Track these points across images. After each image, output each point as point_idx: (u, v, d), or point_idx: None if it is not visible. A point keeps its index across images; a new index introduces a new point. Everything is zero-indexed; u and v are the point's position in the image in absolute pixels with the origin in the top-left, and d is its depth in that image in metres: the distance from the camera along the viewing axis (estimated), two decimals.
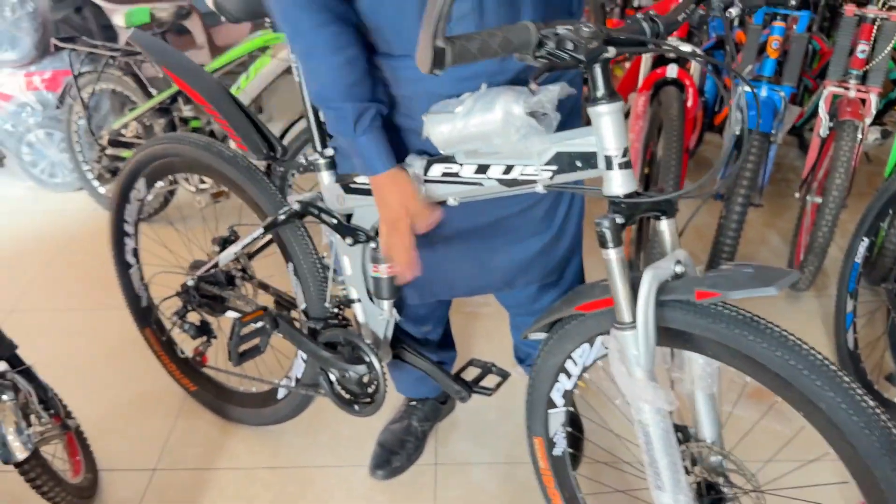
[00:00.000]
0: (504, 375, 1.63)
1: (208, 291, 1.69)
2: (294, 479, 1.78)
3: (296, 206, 1.47)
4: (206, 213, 2.61)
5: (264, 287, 1.76)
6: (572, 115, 1.33)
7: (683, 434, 1.23)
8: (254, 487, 1.76)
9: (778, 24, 2.22)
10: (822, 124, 2.20)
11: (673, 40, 2.26)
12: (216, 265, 1.64)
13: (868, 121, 2.14)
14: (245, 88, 2.45)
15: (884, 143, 2.31)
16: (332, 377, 1.57)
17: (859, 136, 2.07)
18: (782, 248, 2.62)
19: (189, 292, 1.69)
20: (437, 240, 1.40)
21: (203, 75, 1.51)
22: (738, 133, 0.97)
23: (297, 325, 1.58)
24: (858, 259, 2.01)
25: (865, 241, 1.99)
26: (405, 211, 1.24)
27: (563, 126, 1.14)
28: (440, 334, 1.76)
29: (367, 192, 1.37)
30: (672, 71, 2.27)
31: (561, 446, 1.38)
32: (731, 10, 1.05)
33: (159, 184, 1.78)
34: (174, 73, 1.51)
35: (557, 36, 0.88)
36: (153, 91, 2.74)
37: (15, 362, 1.48)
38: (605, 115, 1.02)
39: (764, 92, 2.24)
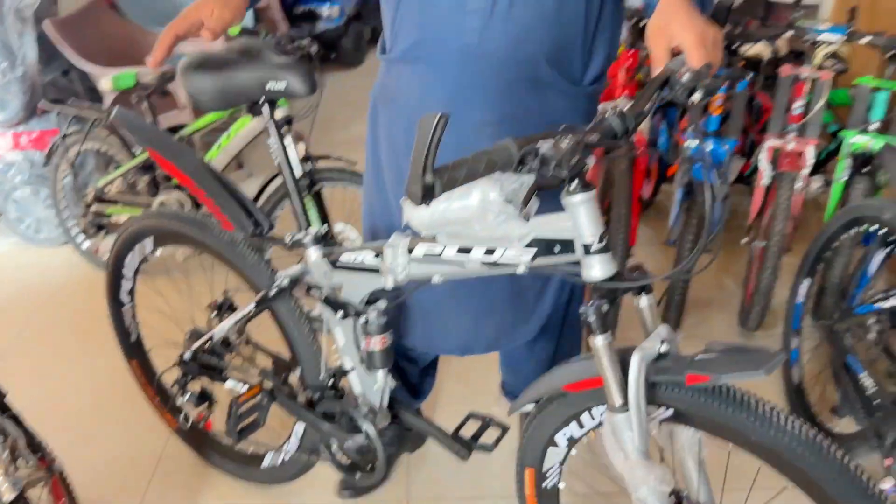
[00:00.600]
0: (503, 429, 1.64)
1: (207, 362, 1.71)
2: None
3: (285, 283, 1.48)
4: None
5: (262, 351, 1.77)
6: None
7: (677, 497, 1.24)
8: None
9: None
10: (765, 175, 2.36)
11: None
12: (212, 338, 1.66)
13: (806, 171, 2.29)
14: (226, 147, 2.50)
15: (826, 190, 2.45)
16: (333, 446, 1.58)
17: (798, 185, 2.23)
18: (735, 290, 2.74)
19: (188, 364, 1.71)
20: (439, 291, 1.41)
21: (186, 154, 1.52)
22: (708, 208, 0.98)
23: (294, 391, 1.60)
24: (801, 299, 2.16)
25: (807, 282, 2.14)
26: None
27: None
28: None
29: (354, 269, 1.38)
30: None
31: (553, 480, 1.35)
32: (694, 96, 1.05)
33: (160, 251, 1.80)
34: (157, 152, 1.52)
35: (539, 154, 0.89)
36: (136, 150, 2.81)
37: (3, 408, 1.50)
38: (579, 205, 1.03)
39: (710, 145, 2.38)
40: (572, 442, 1.29)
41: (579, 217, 1.04)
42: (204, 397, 1.77)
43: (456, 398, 2.21)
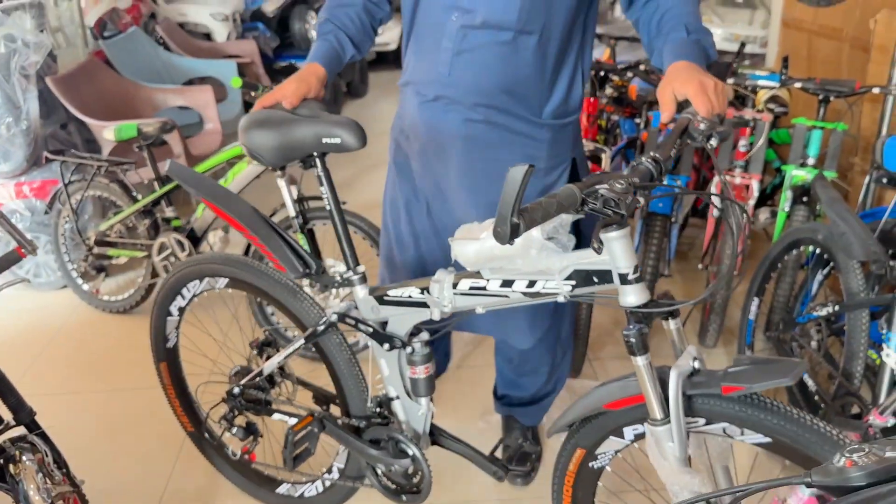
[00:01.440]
0: (537, 453, 1.75)
1: (252, 396, 1.81)
2: None
3: (333, 318, 1.60)
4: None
5: (303, 384, 1.88)
6: None
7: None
8: None
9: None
10: (715, 207, 2.59)
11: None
12: (260, 373, 1.77)
13: (752, 202, 2.60)
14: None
15: (773, 221, 2.70)
16: (379, 471, 1.69)
17: (745, 216, 2.38)
18: (694, 311, 2.94)
19: (235, 398, 1.81)
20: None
21: (237, 202, 1.64)
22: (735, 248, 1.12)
23: (340, 422, 1.71)
24: (752, 316, 2.42)
25: (756, 301, 2.40)
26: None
27: None
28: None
29: (401, 304, 1.51)
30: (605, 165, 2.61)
31: (602, 463, 1.40)
32: (711, 140, 1.21)
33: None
34: (211, 202, 1.64)
35: (599, 196, 1.04)
36: (138, 195, 2.98)
37: (33, 427, 1.60)
38: (616, 240, 1.16)
39: (664, 181, 2.59)
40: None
41: (616, 250, 1.17)
42: (249, 431, 1.87)
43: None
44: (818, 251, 2.18)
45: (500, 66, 1.57)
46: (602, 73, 3.37)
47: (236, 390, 1.80)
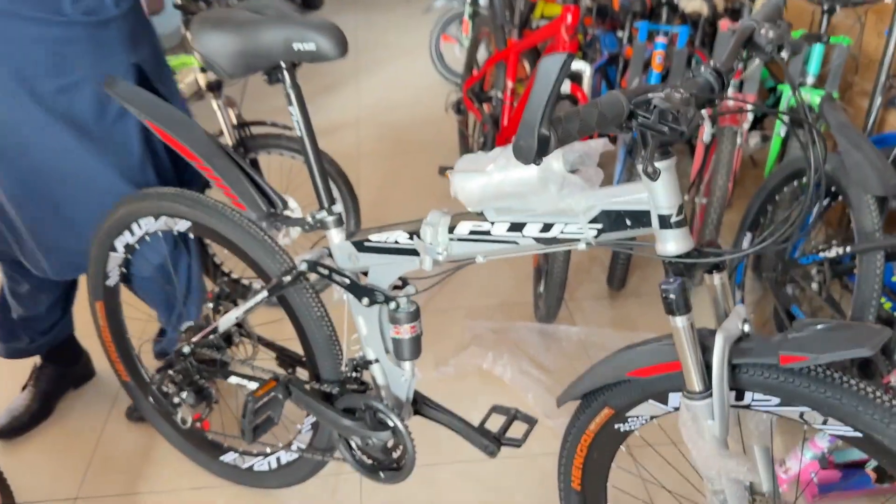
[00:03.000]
0: (531, 422, 1.55)
1: (206, 357, 1.57)
2: (222, 497, 1.77)
3: (302, 267, 1.36)
4: None
5: (266, 344, 1.64)
6: None
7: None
8: None
9: (660, 39, 2.37)
10: (705, 131, 2.34)
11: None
12: (214, 330, 1.52)
13: (746, 126, 2.31)
14: None
15: (764, 146, 2.49)
16: (354, 444, 1.47)
17: (738, 140, 2.20)
18: None
19: (185, 359, 1.57)
20: None
21: (189, 125, 1.38)
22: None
23: (309, 388, 1.48)
24: None
25: (749, 236, 2.19)
26: None
27: None
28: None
29: (384, 251, 1.27)
30: (565, 87, 2.32)
31: (631, 426, 1.18)
32: (782, 52, 0.98)
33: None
34: (157, 124, 1.38)
35: (653, 107, 0.80)
36: None
37: None
38: (662, 172, 0.94)
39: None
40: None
41: (660, 186, 0.95)
42: (202, 396, 1.63)
43: None
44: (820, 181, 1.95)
45: None
46: None
47: (186, 349, 1.55)
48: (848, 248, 1.76)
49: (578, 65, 2.36)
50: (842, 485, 1.67)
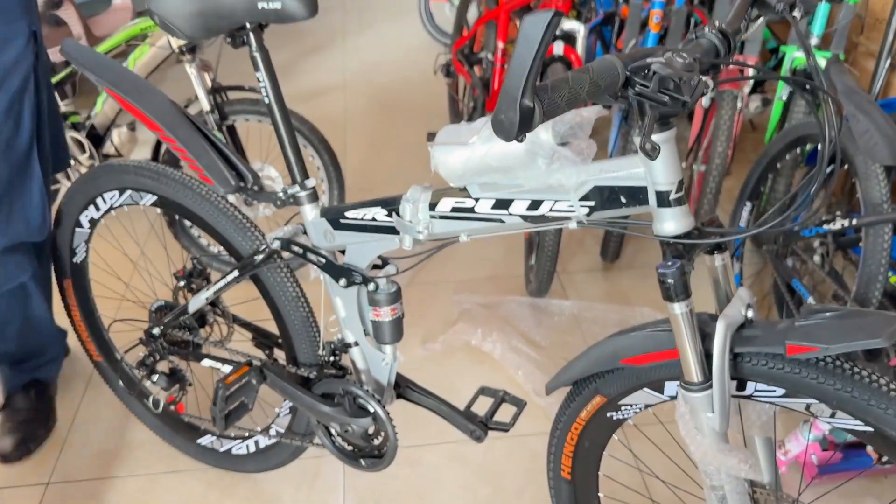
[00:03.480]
0: (519, 405, 1.48)
1: (177, 338, 1.49)
2: (198, 480, 1.71)
3: (275, 245, 1.27)
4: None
5: (241, 324, 1.56)
6: None
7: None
8: (155, 492, 1.68)
9: None
10: (705, 95, 2.17)
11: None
12: (185, 311, 1.44)
13: (746, 90, 2.21)
14: None
15: (765, 110, 2.37)
16: (333, 430, 1.39)
17: (738, 105, 2.10)
18: None
19: (155, 340, 1.49)
20: None
21: (154, 94, 1.28)
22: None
23: (285, 372, 1.40)
24: (742, 223, 2.11)
25: (748, 205, 2.09)
26: None
27: None
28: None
29: (362, 228, 1.18)
30: (558, 48, 2.20)
31: (625, 415, 1.11)
32: (794, 12, 0.88)
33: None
34: (117, 92, 1.27)
35: (652, 73, 0.71)
36: None
37: None
38: (661, 145, 0.85)
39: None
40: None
41: (658, 161, 0.86)
42: (175, 378, 1.56)
43: None
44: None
45: None
46: None
47: (157, 331, 1.47)
48: (854, 221, 1.67)
49: (572, 24, 2.23)
50: (843, 465, 1.62)
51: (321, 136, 2.20)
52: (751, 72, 2.05)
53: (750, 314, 0.93)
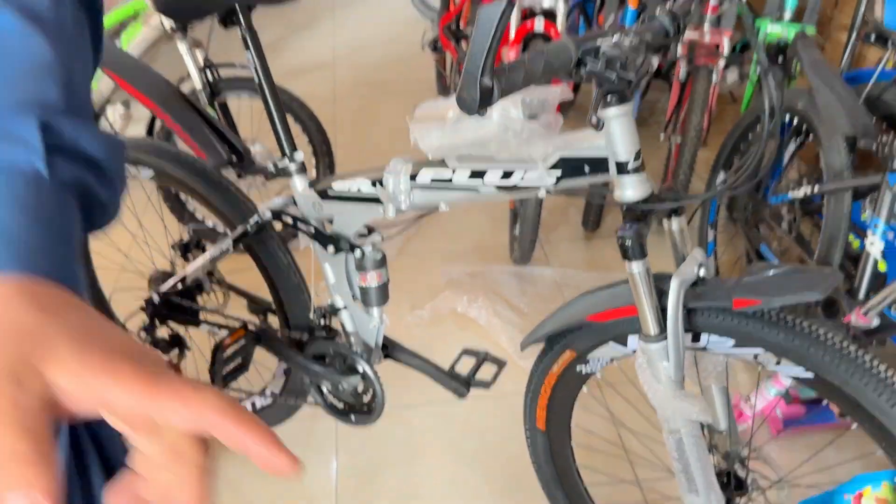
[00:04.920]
0: (500, 364, 1.57)
1: (175, 304, 1.57)
2: None
3: (266, 215, 1.35)
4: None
5: (236, 291, 1.64)
6: None
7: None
8: None
9: None
10: (681, 69, 2.31)
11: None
12: (183, 279, 1.52)
13: (722, 63, 2.25)
14: None
15: (743, 83, 2.44)
16: (325, 389, 1.49)
17: (714, 78, 2.18)
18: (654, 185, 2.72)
19: (154, 307, 1.57)
20: None
21: (148, 73, 1.35)
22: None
23: (279, 335, 1.49)
24: None
25: (722, 175, 2.14)
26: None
27: None
28: None
29: (348, 199, 1.26)
30: (539, 24, 2.26)
31: (592, 368, 1.21)
32: None
33: None
34: (115, 72, 1.34)
35: (601, 54, 0.79)
36: None
37: None
38: (615, 119, 0.93)
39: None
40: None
41: (615, 133, 0.94)
42: (174, 343, 1.64)
43: None
44: (795, 121, 1.94)
45: None
46: None
47: (156, 298, 1.55)
48: (816, 188, 1.76)
49: (551, 1, 2.29)
50: (805, 419, 1.72)
51: (310, 111, 2.27)
52: (725, 44, 2.12)
53: (702, 272, 1.02)
